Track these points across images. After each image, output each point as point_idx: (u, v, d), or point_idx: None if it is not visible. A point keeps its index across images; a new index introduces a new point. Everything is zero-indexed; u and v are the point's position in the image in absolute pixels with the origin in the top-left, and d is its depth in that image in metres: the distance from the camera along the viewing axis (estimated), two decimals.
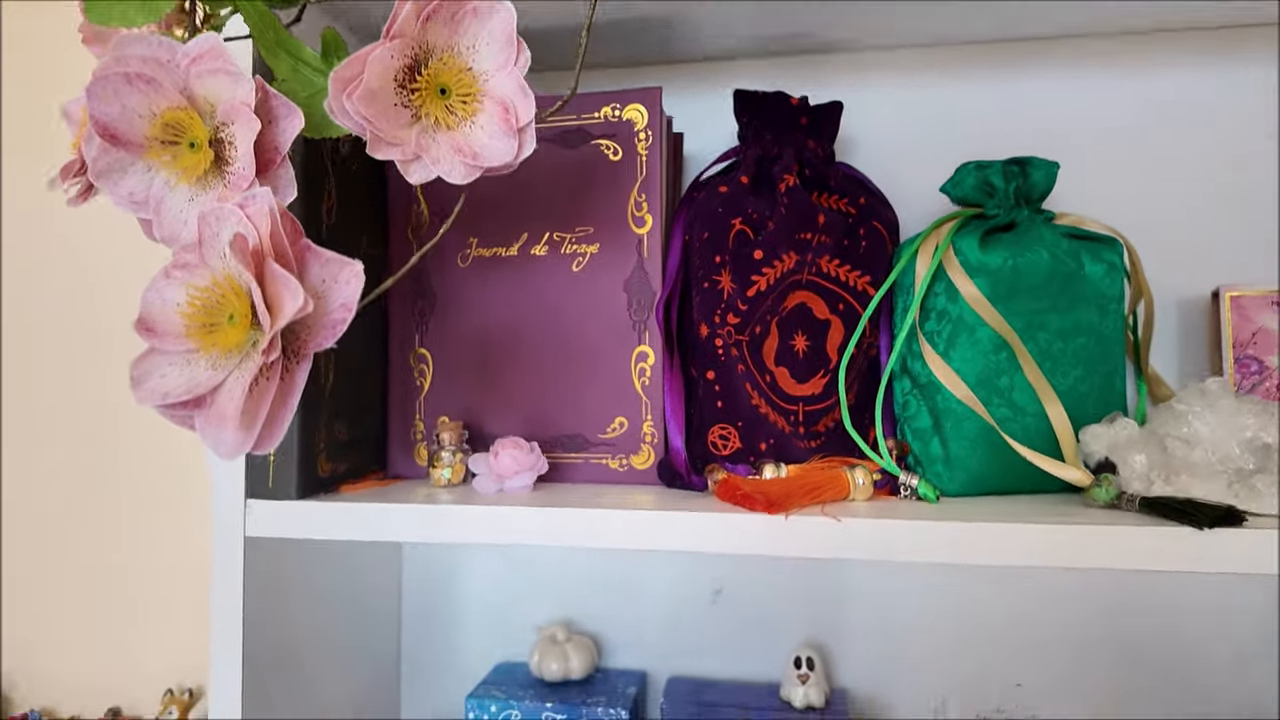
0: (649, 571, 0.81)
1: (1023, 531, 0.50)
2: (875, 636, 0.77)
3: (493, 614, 0.84)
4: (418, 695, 0.85)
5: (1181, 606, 0.73)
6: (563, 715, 0.71)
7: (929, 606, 0.76)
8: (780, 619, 0.78)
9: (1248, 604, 0.72)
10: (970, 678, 0.75)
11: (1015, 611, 0.75)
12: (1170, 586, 0.73)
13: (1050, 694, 0.74)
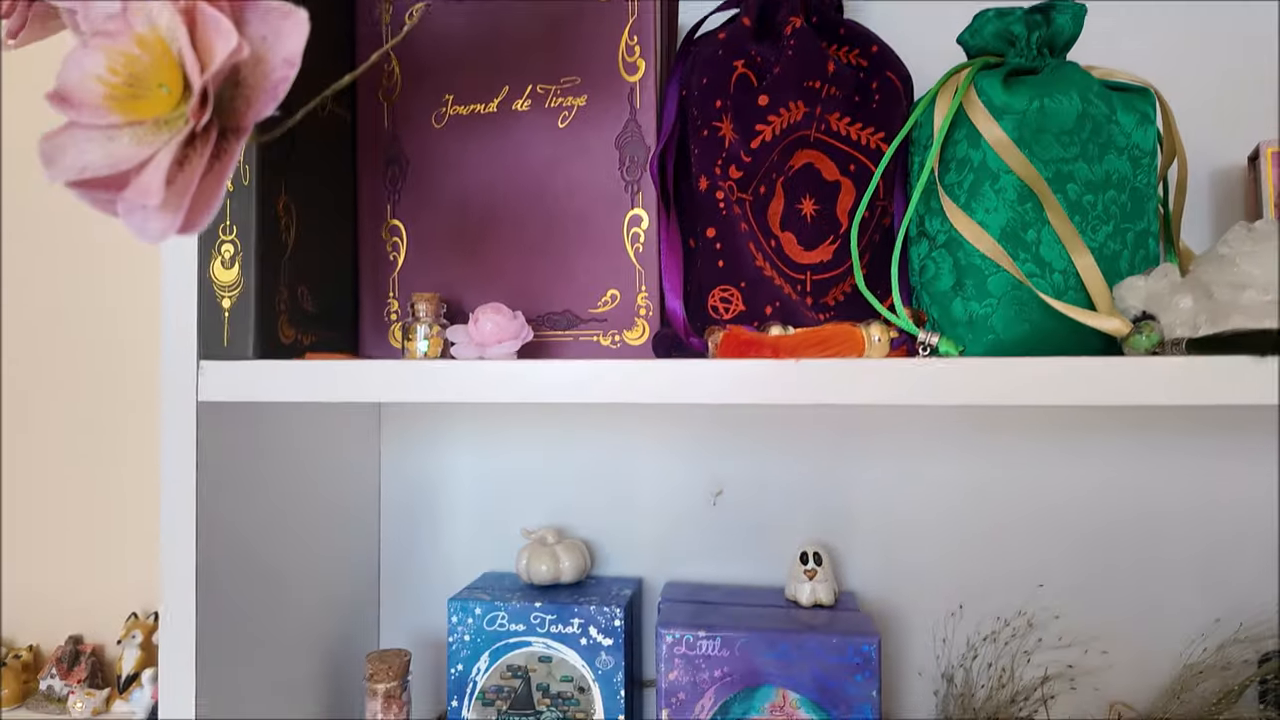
0: (644, 475, 0.77)
1: (1061, 366, 0.46)
2: (886, 539, 0.73)
3: (478, 524, 0.79)
4: (398, 607, 0.80)
5: (1212, 502, 0.69)
6: (553, 614, 0.67)
7: (944, 505, 0.72)
8: (784, 523, 0.74)
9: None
10: (989, 581, 0.71)
11: (1036, 510, 0.71)
12: (1200, 480, 0.69)
13: (1074, 595, 0.70)
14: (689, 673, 0.61)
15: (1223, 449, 0.69)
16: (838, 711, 0.59)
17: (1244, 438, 0.68)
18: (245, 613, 0.58)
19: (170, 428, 0.54)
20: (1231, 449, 0.68)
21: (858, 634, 0.60)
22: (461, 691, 0.68)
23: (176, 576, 0.54)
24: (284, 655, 0.64)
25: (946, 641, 0.71)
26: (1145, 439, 0.70)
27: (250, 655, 0.59)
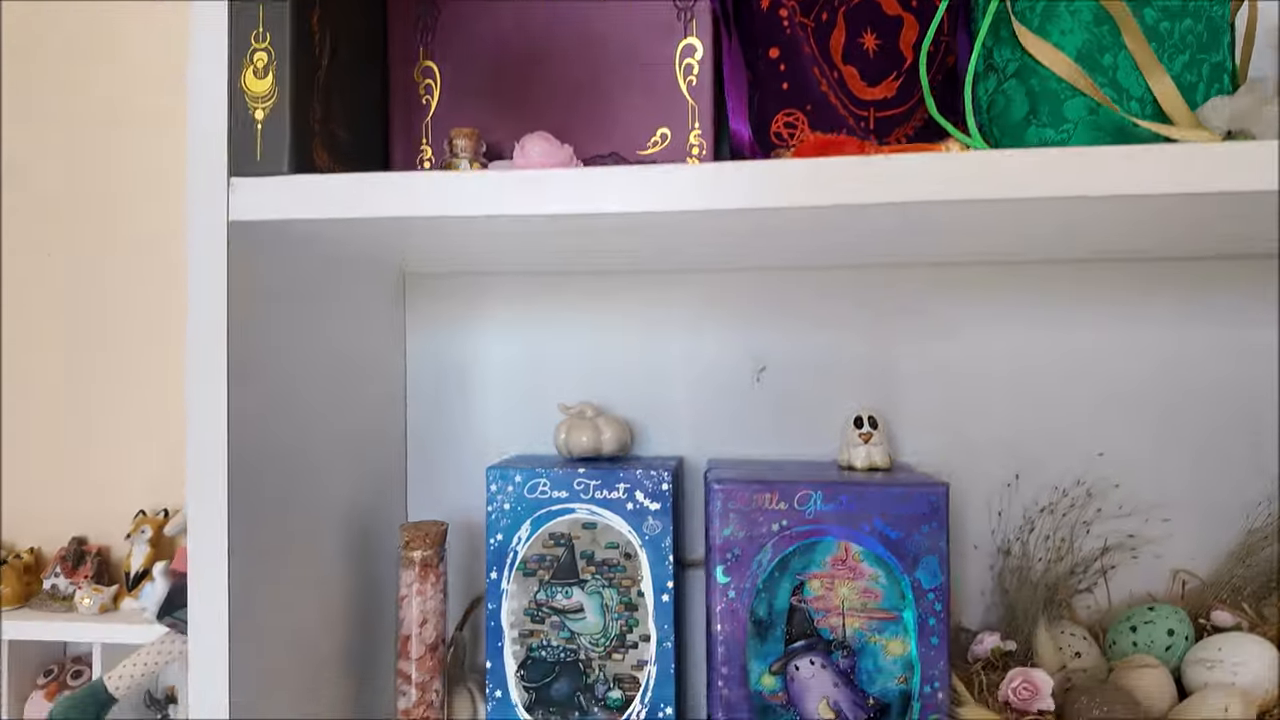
0: (683, 353, 0.74)
1: (1146, 155, 0.43)
2: (939, 411, 0.70)
3: (509, 405, 0.76)
4: (426, 492, 0.77)
5: (1274, 365, 0.67)
6: (597, 479, 0.64)
7: (998, 373, 0.70)
8: (831, 399, 0.72)
9: None
10: (1046, 451, 0.69)
11: (1094, 376, 0.69)
12: (1261, 344, 0.67)
13: (1134, 463, 0.68)
14: (745, 528, 0.58)
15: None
16: (903, 564, 0.57)
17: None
18: (273, 486, 0.55)
19: (199, 253, 0.50)
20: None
21: (924, 484, 0.57)
22: (501, 563, 0.65)
23: (206, 432, 0.50)
24: (312, 538, 0.61)
25: (1003, 515, 0.69)
26: (1206, 303, 0.68)
27: (279, 539, 0.56)
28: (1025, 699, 0.55)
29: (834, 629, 0.58)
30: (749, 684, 0.58)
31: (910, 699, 0.57)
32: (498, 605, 0.65)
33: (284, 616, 0.56)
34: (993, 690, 0.58)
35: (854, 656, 0.57)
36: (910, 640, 0.57)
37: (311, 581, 0.60)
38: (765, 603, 0.58)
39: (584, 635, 0.64)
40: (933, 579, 0.57)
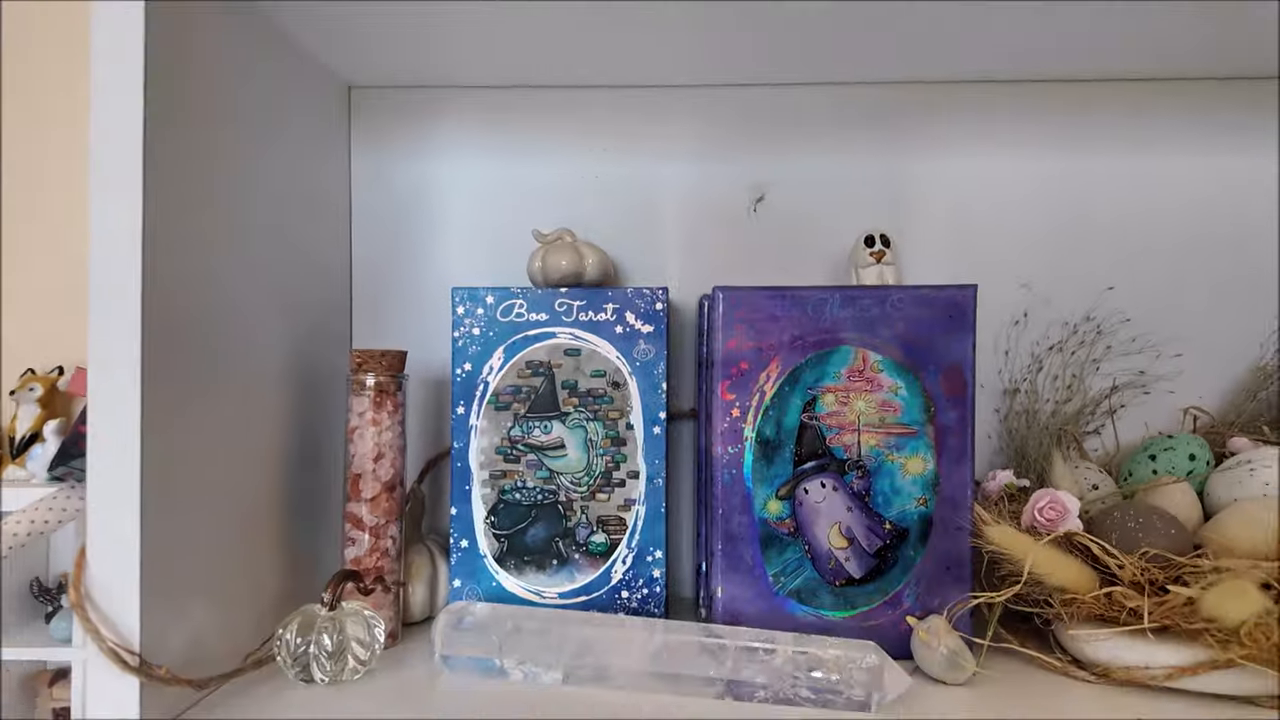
0: (672, 181, 0.68)
1: None
2: (949, 241, 0.66)
3: (471, 240, 0.68)
4: (372, 331, 0.69)
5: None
6: (582, 299, 0.57)
7: (1010, 202, 0.66)
8: (834, 231, 0.66)
9: None
10: (1055, 285, 0.66)
11: (1104, 209, 0.66)
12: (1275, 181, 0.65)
13: (1144, 297, 0.66)
14: (752, 337, 0.53)
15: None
16: (926, 373, 0.52)
17: None
18: (191, 314, 0.46)
19: (105, 31, 0.41)
20: None
21: (949, 286, 0.53)
22: (469, 395, 0.58)
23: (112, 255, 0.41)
24: (241, 372, 0.52)
25: (1010, 354, 0.66)
26: (1221, 136, 0.65)
27: (200, 373, 0.47)
28: (1053, 519, 0.51)
29: (848, 448, 0.53)
30: (753, 511, 0.53)
31: (930, 522, 0.52)
32: (465, 444, 0.58)
33: (208, 459, 0.48)
34: (1015, 519, 0.54)
35: (869, 477, 0.53)
36: (930, 458, 0.52)
37: (242, 420, 0.52)
38: (773, 421, 0.53)
39: (564, 474, 0.58)
40: (957, 390, 0.52)
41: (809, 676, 0.46)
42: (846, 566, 0.53)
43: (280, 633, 0.49)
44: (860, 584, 0.53)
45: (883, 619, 0.52)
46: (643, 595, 0.57)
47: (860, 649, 0.46)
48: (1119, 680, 0.48)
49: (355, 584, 0.53)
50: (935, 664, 0.48)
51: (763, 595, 0.53)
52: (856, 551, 0.53)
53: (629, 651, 0.48)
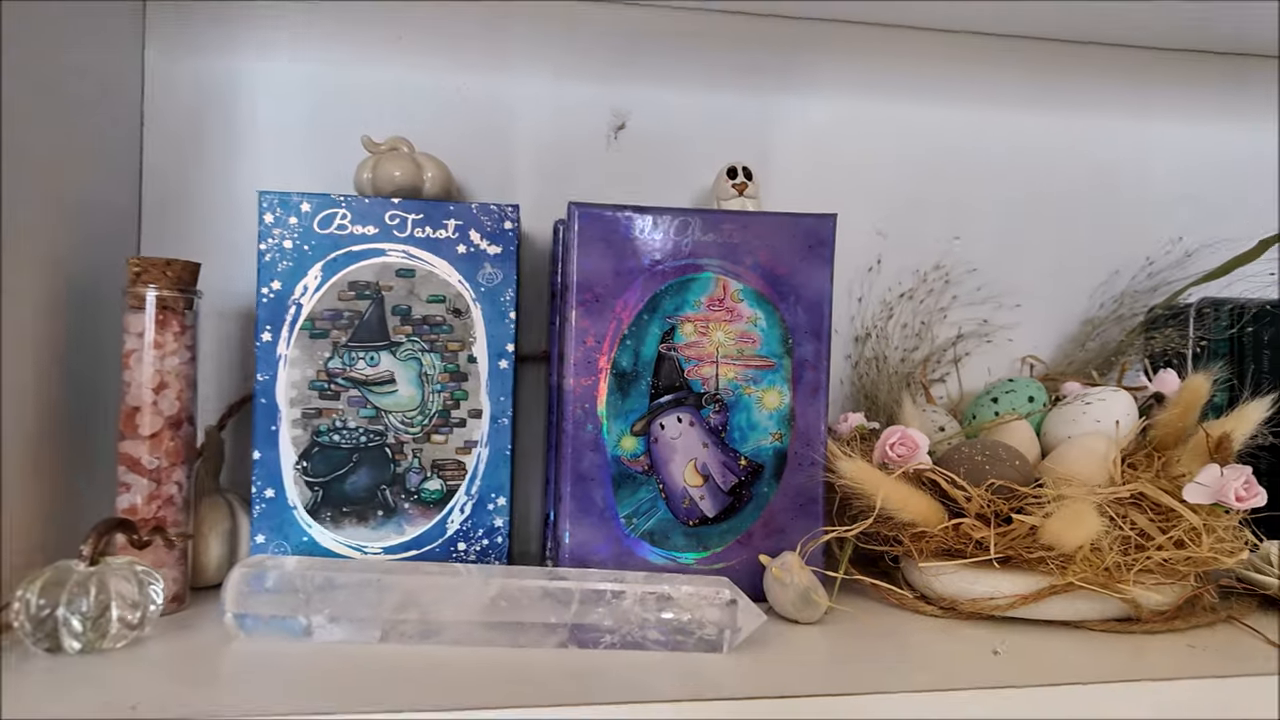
0: (526, 102, 0.62)
1: None
2: (810, 183, 0.65)
3: (290, 149, 0.60)
4: (162, 246, 0.59)
5: (1119, 157, 0.70)
6: (419, 212, 0.51)
7: (871, 148, 0.66)
8: (699, 161, 0.63)
9: (1207, 152, 0.70)
10: (908, 233, 0.67)
11: (962, 159, 0.67)
12: (1107, 136, 0.69)
13: (989, 250, 0.68)
14: (610, 259, 0.49)
15: (1132, 107, 0.70)
16: (785, 305, 0.51)
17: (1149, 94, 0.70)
18: None
19: None
20: (1142, 104, 0.69)
21: (811, 215, 0.51)
22: (277, 319, 0.50)
23: None
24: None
25: (863, 300, 0.66)
26: (1064, 95, 0.69)
27: None
28: (903, 455, 0.51)
29: (706, 380, 0.50)
30: (606, 449, 0.49)
31: (785, 458, 0.51)
32: (272, 376, 0.50)
33: None
34: (866, 458, 0.54)
35: (726, 412, 0.50)
36: (787, 392, 0.51)
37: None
38: (631, 351, 0.49)
39: (394, 413, 0.51)
40: (815, 321, 0.51)
41: (659, 618, 0.43)
42: (701, 505, 0.50)
43: (20, 594, 0.40)
44: (714, 523, 0.50)
45: (735, 559, 0.50)
46: (482, 547, 0.52)
47: (713, 586, 0.43)
48: (966, 613, 0.48)
49: (127, 536, 0.44)
50: (788, 602, 0.46)
51: (613, 539, 0.49)
52: (711, 489, 0.50)
53: (460, 602, 0.42)
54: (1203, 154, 0.71)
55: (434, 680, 0.38)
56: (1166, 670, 0.41)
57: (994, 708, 0.38)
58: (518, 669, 0.40)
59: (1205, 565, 0.45)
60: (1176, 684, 0.40)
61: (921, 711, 0.38)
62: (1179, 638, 0.46)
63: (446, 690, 0.37)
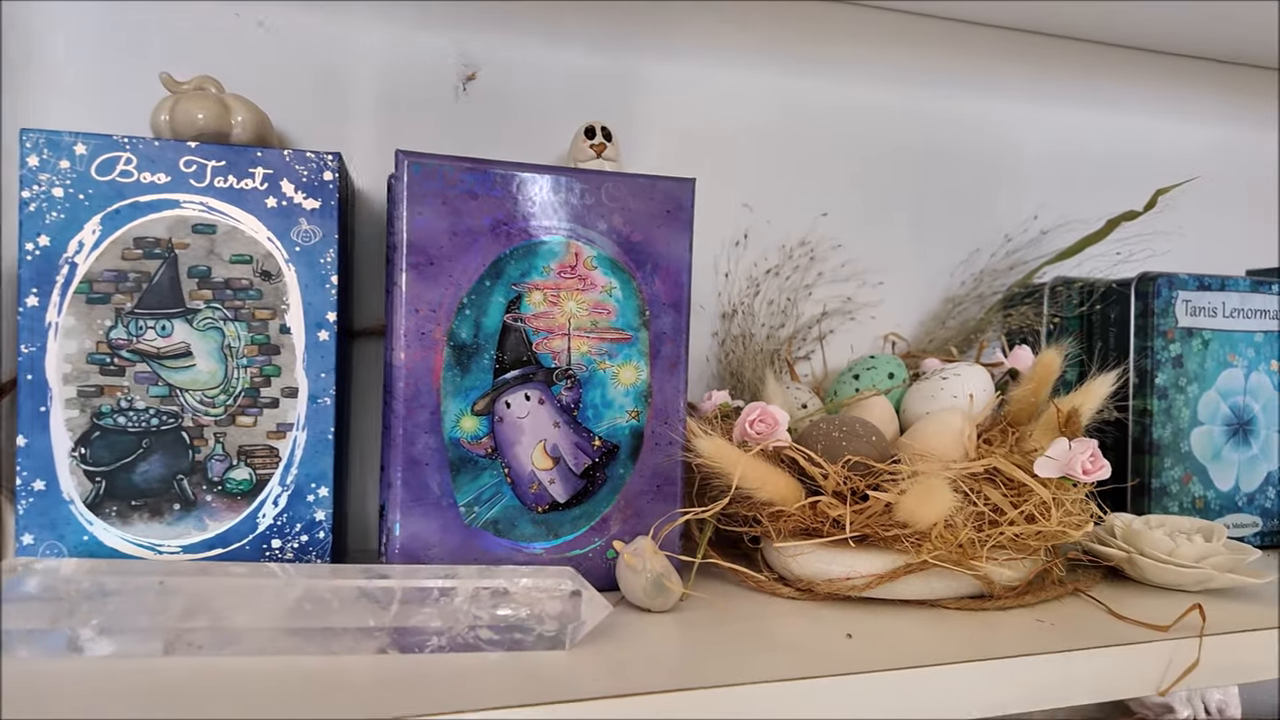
0: (365, 48, 0.56)
1: None
2: (675, 153, 0.62)
3: (76, 86, 0.52)
4: None
5: (983, 137, 0.71)
6: (222, 158, 0.44)
7: (739, 118, 0.64)
8: (556, 121, 0.59)
9: (1066, 131, 0.72)
10: (775, 206, 0.65)
11: (829, 133, 0.67)
12: (973, 114, 0.70)
13: (854, 227, 0.67)
14: (446, 219, 0.44)
15: (996, 86, 0.71)
16: (642, 274, 0.47)
17: (1011, 76, 0.71)
18: None
19: None
20: (1004, 86, 0.71)
21: (670, 178, 0.48)
22: (46, 281, 0.42)
23: None
24: None
25: (730, 276, 0.64)
26: (927, 73, 0.69)
27: None
28: (763, 433, 0.49)
29: (557, 354, 0.46)
30: (443, 430, 0.45)
31: (642, 437, 0.48)
32: (40, 349, 0.43)
33: None
34: (728, 437, 0.52)
35: (579, 388, 0.47)
36: (644, 367, 0.48)
37: None
38: (471, 321, 0.45)
39: (191, 391, 0.45)
40: (674, 291, 0.48)
41: (494, 615, 0.39)
42: (551, 490, 0.46)
43: None
44: (565, 509, 0.47)
45: (588, 547, 0.47)
46: (301, 544, 0.46)
47: (555, 577, 0.40)
48: (824, 594, 0.47)
49: None
50: (640, 590, 0.43)
51: (452, 530, 0.45)
52: (563, 472, 0.47)
53: (258, 606, 0.37)
54: (1062, 134, 0.73)
55: (226, 696, 0.33)
56: (1015, 647, 0.41)
57: (842, 695, 0.37)
58: (328, 679, 0.35)
59: (1055, 539, 0.46)
60: (1023, 660, 0.40)
61: (768, 704, 0.36)
62: (1029, 613, 0.46)
63: (240, 706, 0.32)
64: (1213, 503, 0.60)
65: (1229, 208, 0.79)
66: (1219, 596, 0.49)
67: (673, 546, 0.47)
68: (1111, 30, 0.71)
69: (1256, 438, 0.61)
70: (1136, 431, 0.59)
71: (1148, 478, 0.58)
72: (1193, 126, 0.78)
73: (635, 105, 0.62)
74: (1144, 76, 0.75)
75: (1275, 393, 0.62)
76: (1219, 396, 0.60)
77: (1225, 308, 0.60)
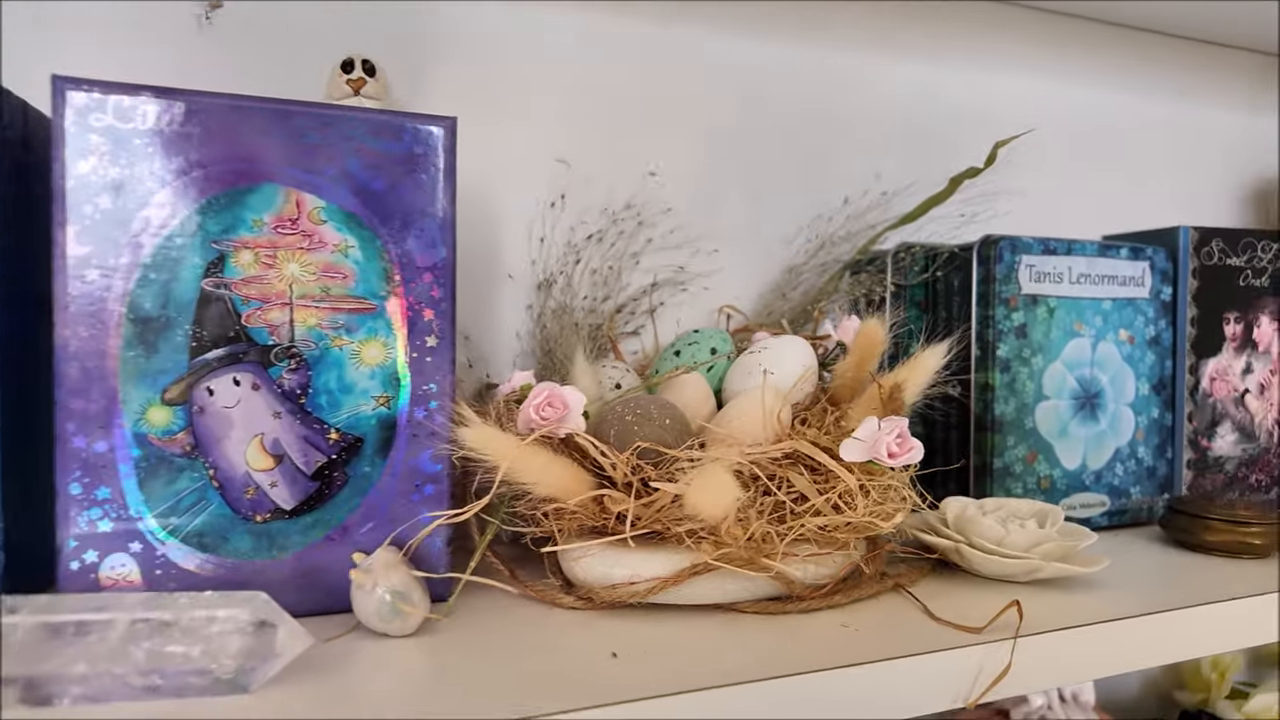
0: None
1: None
2: (473, 99, 0.55)
3: None
4: None
5: (826, 99, 0.66)
6: None
7: (552, 59, 0.57)
8: (318, 57, 0.51)
9: (912, 90, 0.67)
10: (596, 164, 0.59)
11: (656, 82, 0.60)
12: (817, 75, 0.65)
13: (686, 186, 0.61)
14: (123, 161, 0.36)
15: (834, 36, 0.66)
16: (389, 230, 0.40)
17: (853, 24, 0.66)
18: None
19: None
20: (845, 36, 0.66)
21: (420, 114, 0.41)
22: None
23: None
24: None
25: (546, 241, 0.57)
26: (769, 27, 0.63)
27: None
28: (549, 418, 0.43)
29: (275, 328, 0.38)
30: (123, 424, 0.36)
31: (395, 427, 0.41)
32: None
33: None
34: (515, 420, 0.45)
35: (306, 370, 0.39)
36: (395, 343, 0.40)
37: None
38: (157, 289, 0.37)
39: None
40: (431, 252, 0.41)
41: (156, 654, 0.31)
42: (272, 494, 0.39)
43: None
44: (293, 516, 0.39)
45: (326, 560, 0.40)
46: None
47: (241, 604, 0.32)
48: (608, 602, 0.41)
49: None
50: (372, 612, 0.36)
51: (139, 548, 0.37)
52: (287, 472, 0.39)
53: None
54: (908, 89, 0.69)
55: None
56: (809, 659, 0.35)
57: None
58: None
59: (865, 530, 0.41)
60: (815, 678, 0.34)
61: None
62: (837, 615, 0.41)
63: None
64: (1059, 482, 0.56)
65: (1099, 172, 0.77)
66: (1050, 588, 0.45)
67: (436, 556, 0.40)
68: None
69: (1104, 412, 0.58)
70: (979, 408, 0.55)
71: (990, 457, 0.54)
72: (1066, 87, 0.74)
73: (425, 40, 0.54)
74: (1004, 31, 0.72)
75: (1124, 364, 0.59)
76: (1065, 368, 0.56)
77: (1072, 273, 0.57)
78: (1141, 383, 0.60)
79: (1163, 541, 0.56)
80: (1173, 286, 0.61)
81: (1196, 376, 0.62)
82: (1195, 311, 0.62)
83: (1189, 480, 0.62)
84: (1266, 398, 0.66)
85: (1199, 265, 0.62)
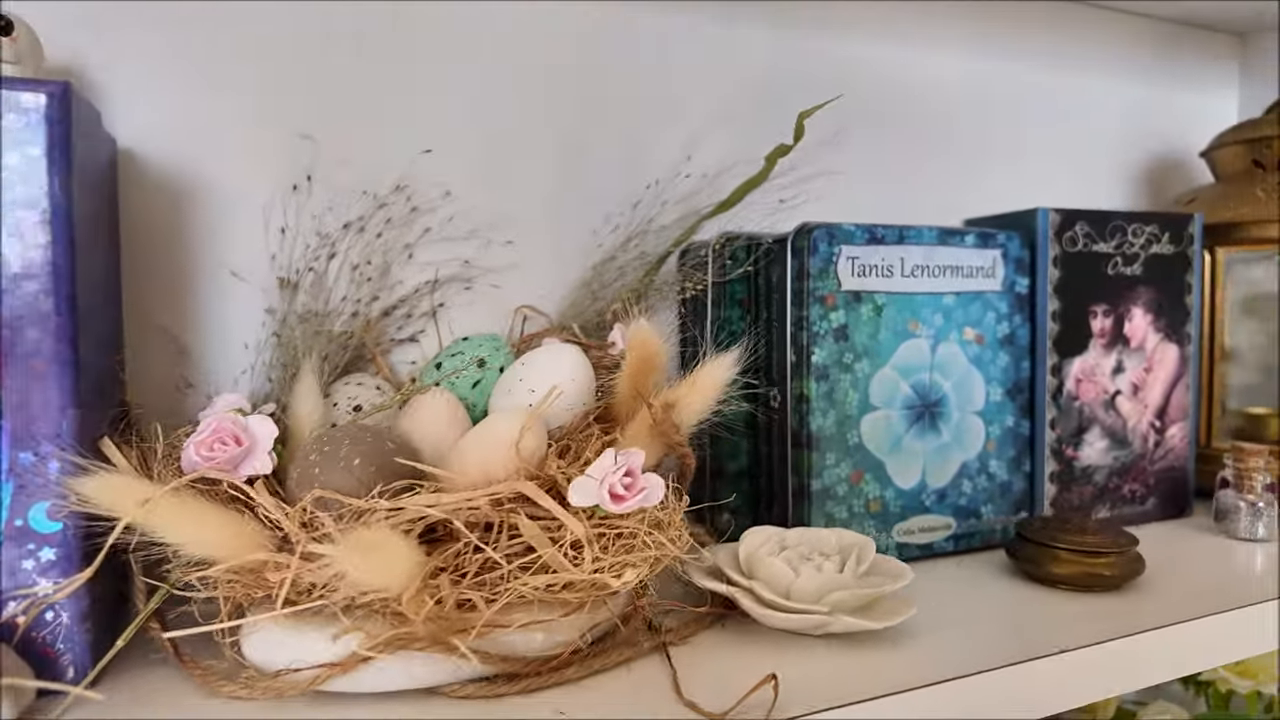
0: None
1: None
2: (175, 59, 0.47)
3: None
4: None
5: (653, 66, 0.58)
6: None
7: (273, 11, 0.49)
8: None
9: (737, 60, 0.60)
10: (354, 137, 0.51)
11: (422, 41, 0.52)
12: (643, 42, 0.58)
13: (471, 164, 0.53)
14: None
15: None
16: None
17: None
18: None
19: None
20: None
21: (17, 80, 0.33)
22: None
23: None
24: None
25: (289, 232, 0.49)
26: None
27: None
28: (218, 458, 0.35)
29: None
30: None
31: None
32: None
33: None
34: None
35: None
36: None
37: None
38: None
39: None
40: (34, 253, 0.33)
41: None
42: None
43: None
44: None
45: None
46: None
47: None
48: (273, 691, 0.33)
49: None
50: None
51: None
52: None
53: None
54: (734, 62, 0.61)
55: None
56: None
57: None
58: None
59: (591, 590, 0.34)
60: None
61: None
62: (561, 696, 0.34)
63: None
64: (892, 504, 0.50)
65: (974, 149, 0.71)
66: (853, 643, 0.39)
67: (66, 633, 0.33)
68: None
69: (947, 422, 0.52)
70: (794, 421, 0.48)
71: (806, 478, 0.48)
72: (928, 53, 0.68)
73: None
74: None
75: (971, 367, 0.53)
76: (897, 374, 0.50)
77: (905, 265, 0.50)
78: (993, 387, 0.54)
79: (1011, 573, 0.50)
80: (1030, 277, 0.55)
81: (1060, 378, 0.57)
82: (1057, 305, 0.56)
83: (1053, 495, 0.57)
84: (1140, 399, 0.60)
85: (1061, 252, 0.56)
